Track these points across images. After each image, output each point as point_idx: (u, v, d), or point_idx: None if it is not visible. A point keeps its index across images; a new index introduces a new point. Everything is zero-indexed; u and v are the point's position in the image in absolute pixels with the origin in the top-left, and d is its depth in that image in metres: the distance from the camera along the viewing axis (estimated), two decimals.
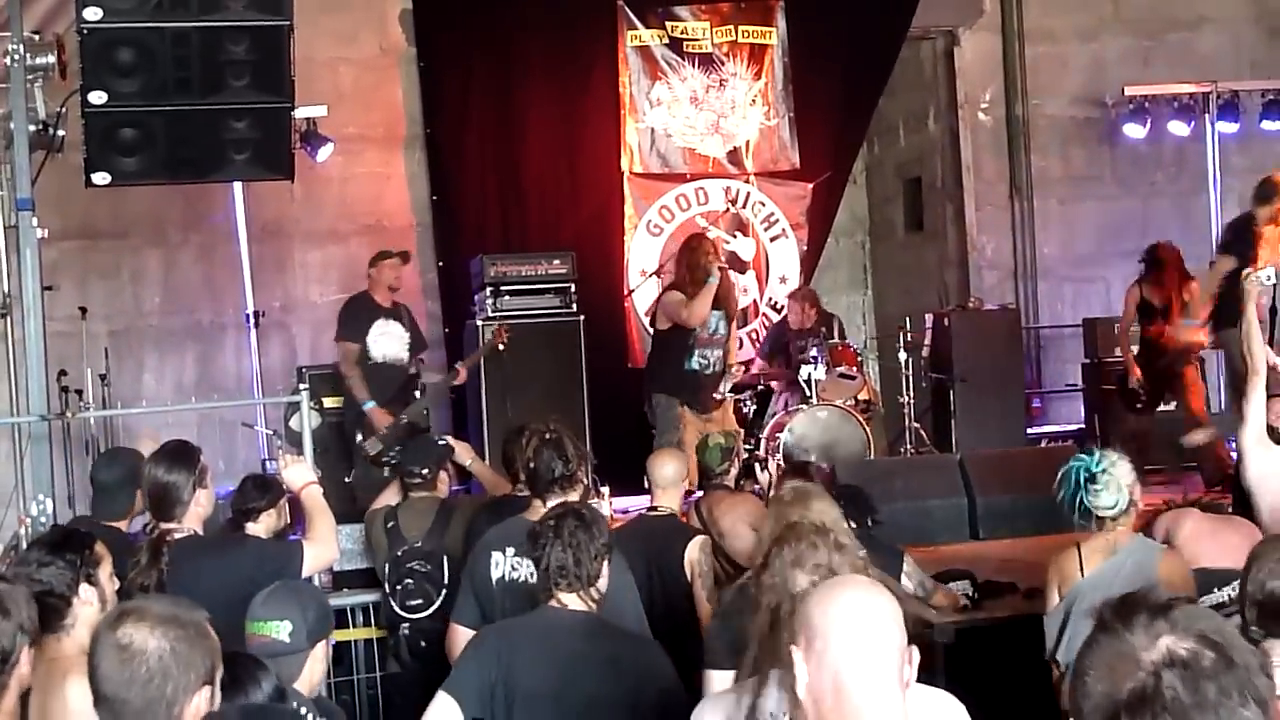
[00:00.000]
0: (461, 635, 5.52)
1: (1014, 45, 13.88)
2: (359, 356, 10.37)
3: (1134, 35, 14.06)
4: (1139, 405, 11.40)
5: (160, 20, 7.98)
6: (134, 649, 3.18)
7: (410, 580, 7.11)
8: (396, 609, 7.07)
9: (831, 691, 2.95)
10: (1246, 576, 4.30)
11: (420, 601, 7.03)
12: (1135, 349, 11.30)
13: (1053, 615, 5.59)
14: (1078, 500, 5.52)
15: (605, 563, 4.69)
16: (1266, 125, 13.51)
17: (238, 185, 11.34)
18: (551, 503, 5.64)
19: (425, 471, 7.44)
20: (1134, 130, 13.45)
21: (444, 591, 6.90)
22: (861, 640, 2.95)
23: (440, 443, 7.69)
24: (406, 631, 7.05)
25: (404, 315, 10.64)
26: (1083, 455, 5.61)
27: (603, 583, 4.68)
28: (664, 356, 10.74)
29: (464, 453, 7.81)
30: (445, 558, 6.98)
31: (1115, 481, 5.50)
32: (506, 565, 5.68)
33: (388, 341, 10.47)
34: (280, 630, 4.40)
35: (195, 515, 5.65)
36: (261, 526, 6.39)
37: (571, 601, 4.60)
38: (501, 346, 10.90)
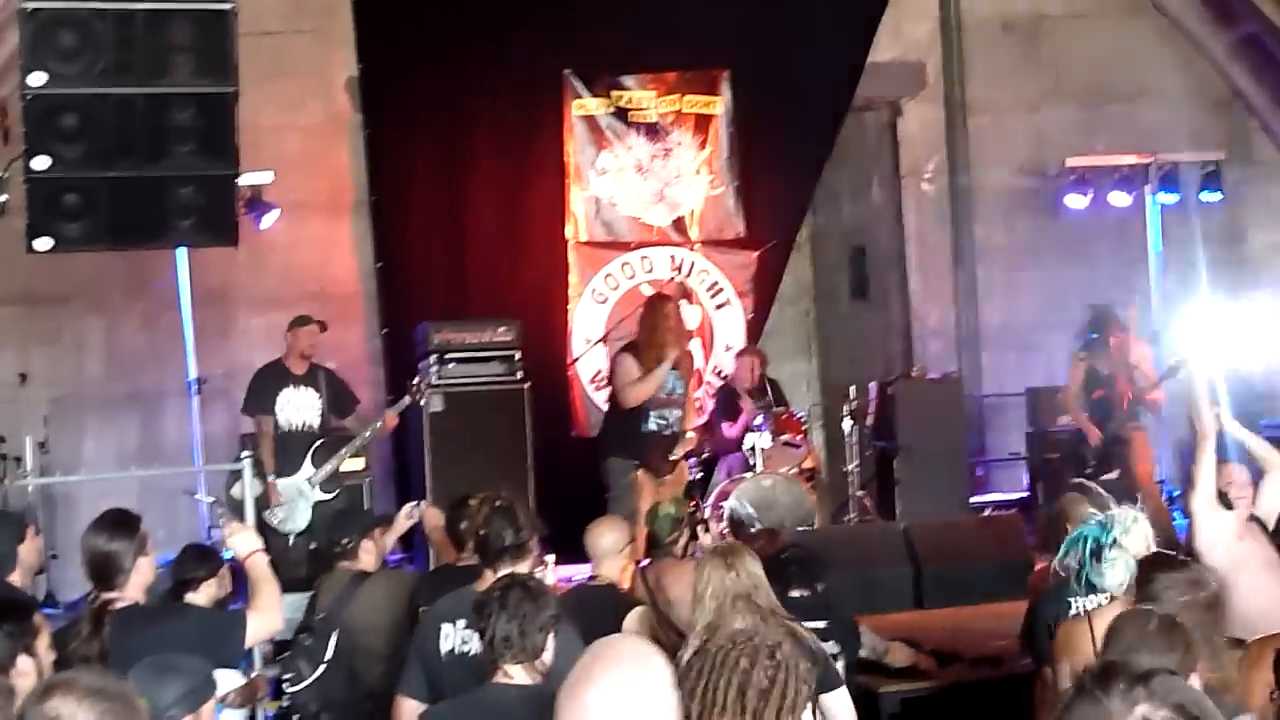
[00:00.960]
0: (407, 708, 5.46)
1: (957, 116, 14.00)
2: (269, 428, 10.30)
3: (1075, 107, 14.21)
4: (1088, 472, 11.44)
5: (105, 86, 8.00)
6: None
7: (290, 653, 7.08)
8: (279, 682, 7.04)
9: None
10: (1106, 649, 4.18)
11: (290, 676, 6.98)
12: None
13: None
14: (1083, 575, 5.31)
15: (551, 635, 4.65)
16: (1205, 196, 13.67)
17: (182, 251, 11.28)
18: (502, 572, 5.60)
19: (346, 541, 7.41)
20: (1076, 201, 13.58)
21: (321, 667, 6.84)
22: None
23: (403, 508, 7.66)
24: (285, 703, 6.98)
25: (319, 379, 10.53)
26: (1095, 523, 5.39)
27: (548, 655, 4.65)
28: (620, 417, 10.68)
29: (433, 518, 7.82)
30: (336, 632, 6.92)
31: (1125, 558, 5.26)
32: (456, 638, 5.60)
33: (295, 410, 10.38)
34: (161, 706, 4.32)
35: (137, 585, 5.58)
36: (202, 596, 6.32)
37: (517, 674, 4.56)
38: (422, 401, 10.87)
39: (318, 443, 10.44)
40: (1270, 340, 12.01)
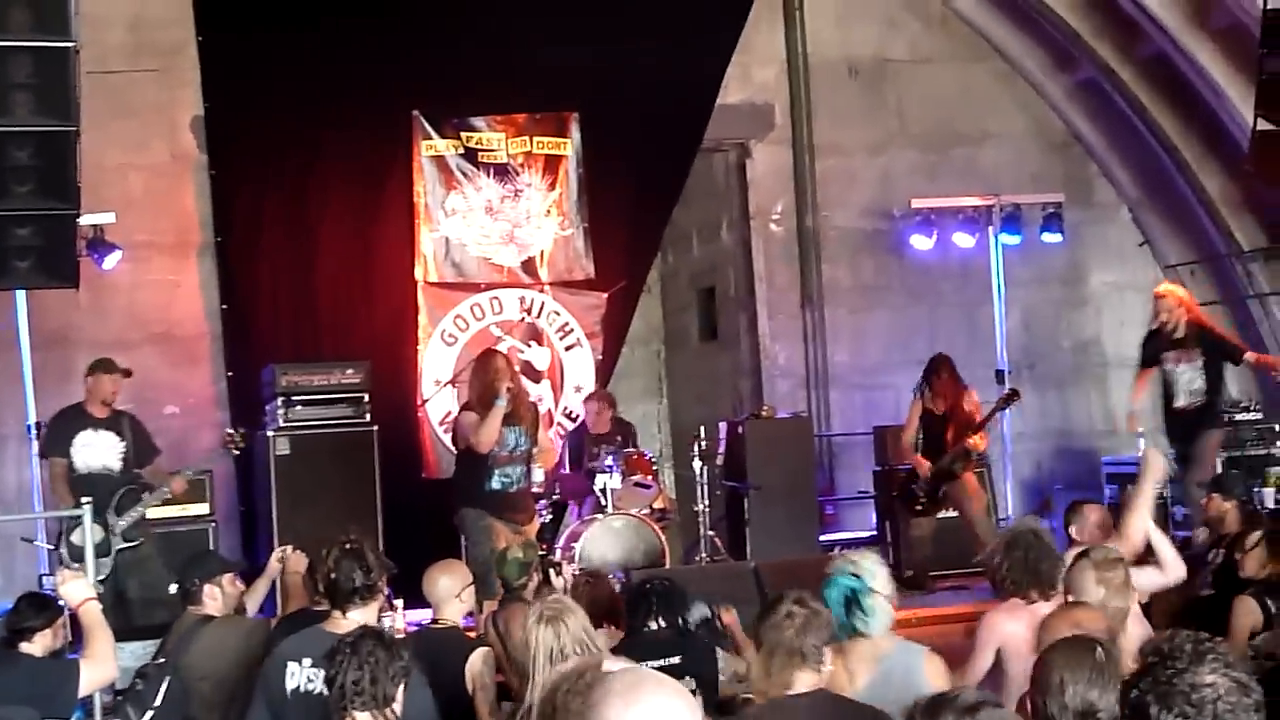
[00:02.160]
0: None
1: (804, 158, 14.16)
2: (64, 472, 10.08)
3: (920, 150, 14.45)
4: (919, 508, 11.68)
5: None
6: None
7: (121, 696, 6.98)
8: None
9: None
10: (1051, 686, 4.13)
11: None
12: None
13: None
14: (850, 619, 5.44)
15: (403, 686, 4.63)
16: (1047, 237, 13.95)
17: (20, 293, 11.07)
18: (351, 614, 5.58)
19: (190, 586, 7.33)
20: (920, 241, 13.78)
21: (148, 713, 6.73)
22: None
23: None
24: None
25: (123, 425, 10.31)
26: (845, 575, 5.51)
27: (398, 705, 4.62)
28: (467, 475, 10.53)
29: (296, 563, 7.77)
30: (168, 678, 6.81)
31: (883, 603, 5.47)
32: (302, 676, 5.57)
33: (93, 452, 10.14)
34: None
35: None
36: (37, 646, 6.19)
37: None
38: (235, 451, 10.74)
39: (122, 489, 10.16)
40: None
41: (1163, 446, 11.10)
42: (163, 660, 6.92)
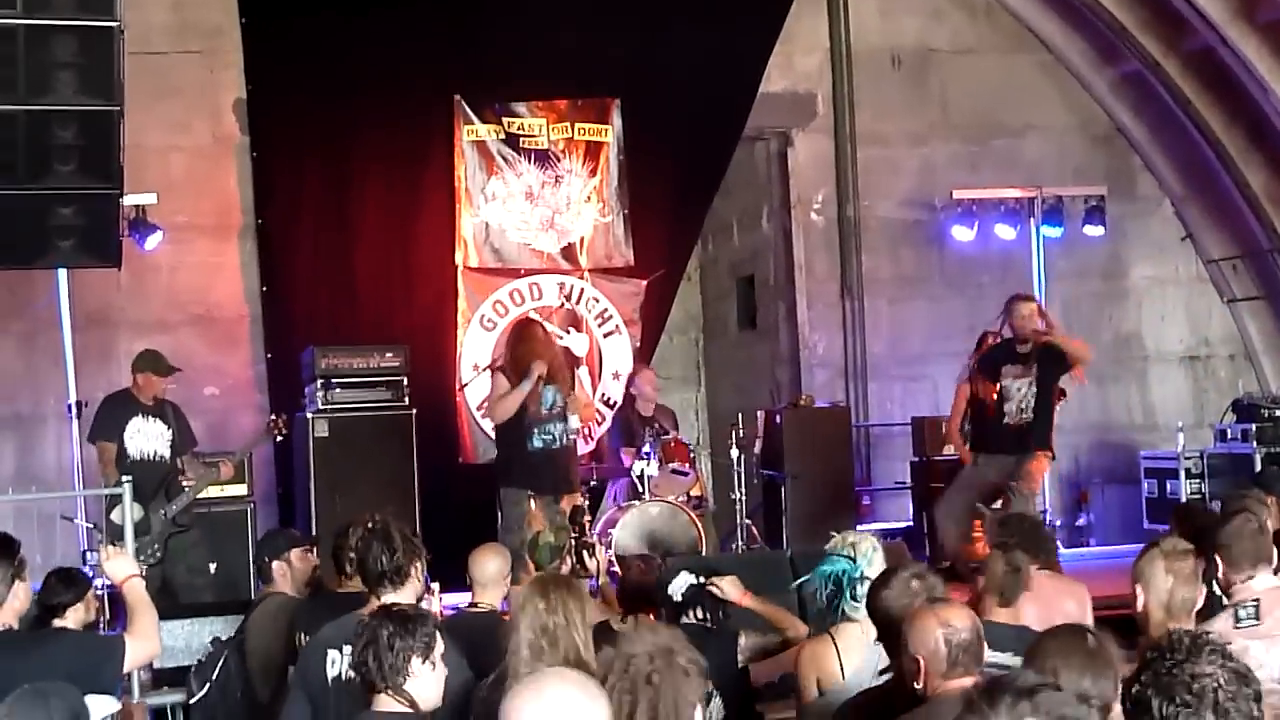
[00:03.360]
0: None
1: (846, 148, 14.12)
2: (116, 455, 10.12)
3: (962, 141, 14.39)
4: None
5: None
6: None
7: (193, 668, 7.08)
8: None
9: None
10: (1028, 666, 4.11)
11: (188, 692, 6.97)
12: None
13: (812, 709, 5.56)
14: (839, 605, 5.46)
15: (419, 660, 4.56)
16: (1089, 230, 13.86)
17: (62, 272, 11.11)
18: (385, 597, 5.54)
19: (260, 565, 7.38)
20: (961, 233, 13.73)
21: (206, 686, 6.81)
22: None
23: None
24: None
25: (168, 413, 10.35)
26: (841, 557, 5.54)
27: (415, 682, 4.57)
28: (508, 443, 10.51)
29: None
30: (226, 653, 6.88)
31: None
32: (344, 664, 5.51)
33: (144, 439, 10.16)
34: None
35: (11, 610, 5.46)
36: (70, 621, 6.21)
37: (386, 703, 4.51)
38: (279, 437, 10.76)
39: (170, 475, 10.22)
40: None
41: (986, 465, 10.87)
42: (230, 636, 7.00)
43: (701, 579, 6.69)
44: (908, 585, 4.96)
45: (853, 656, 5.48)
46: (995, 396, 10.85)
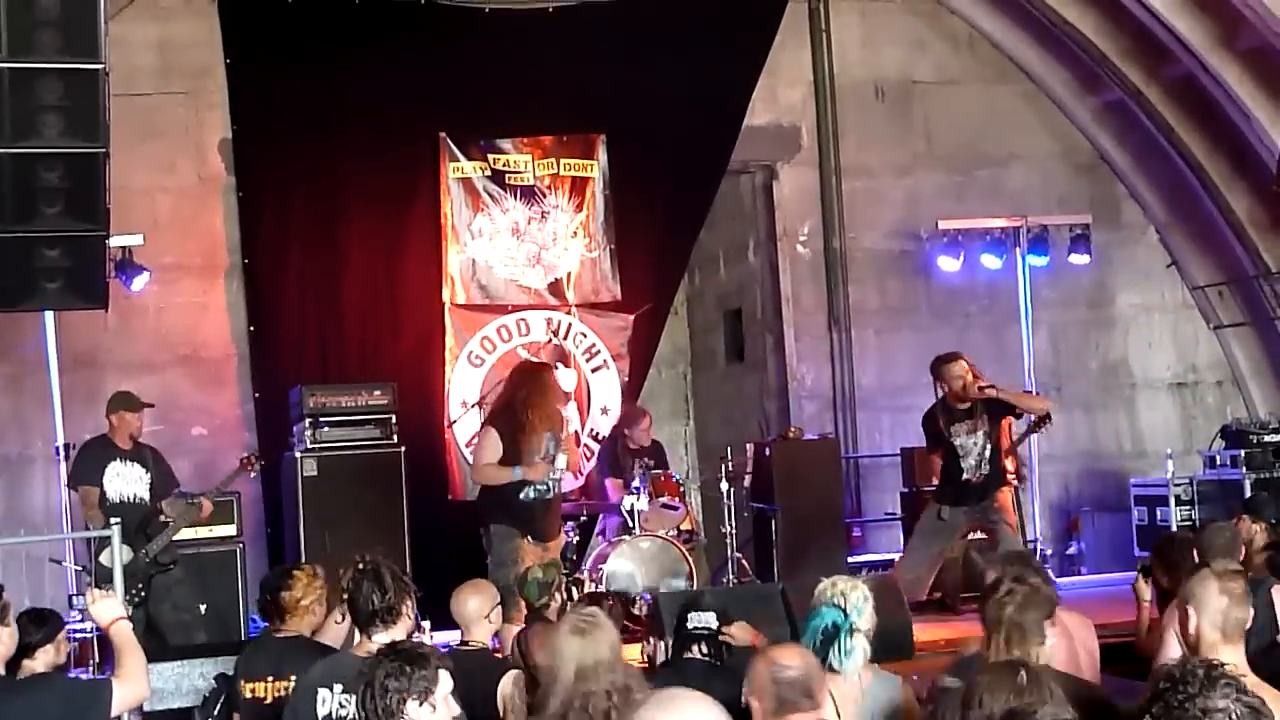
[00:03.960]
0: None
1: (831, 180, 14.15)
2: (99, 499, 10.11)
3: (946, 171, 14.43)
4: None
5: None
6: None
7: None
8: None
9: None
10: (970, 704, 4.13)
11: None
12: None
13: None
14: (826, 655, 5.37)
15: (414, 703, 4.49)
16: (1074, 259, 13.90)
17: (49, 314, 11.10)
18: (377, 636, 5.52)
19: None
20: (948, 263, 13.75)
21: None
22: None
23: None
24: None
25: (146, 457, 10.35)
26: (831, 608, 5.48)
27: None
28: (496, 490, 10.41)
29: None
30: (220, 697, 6.92)
31: (863, 641, 5.44)
32: (334, 702, 5.51)
33: (123, 482, 10.18)
34: None
35: None
36: (40, 663, 6.19)
37: None
38: (253, 474, 10.75)
39: (150, 516, 10.21)
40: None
41: (954, 517, 10.82)
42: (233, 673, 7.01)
43: (719, 627, 6.65)
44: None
45: (849, 706, 5.37)
46: (950, 455, 10.81)
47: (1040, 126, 14.67)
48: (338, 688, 5.52)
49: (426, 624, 8.75)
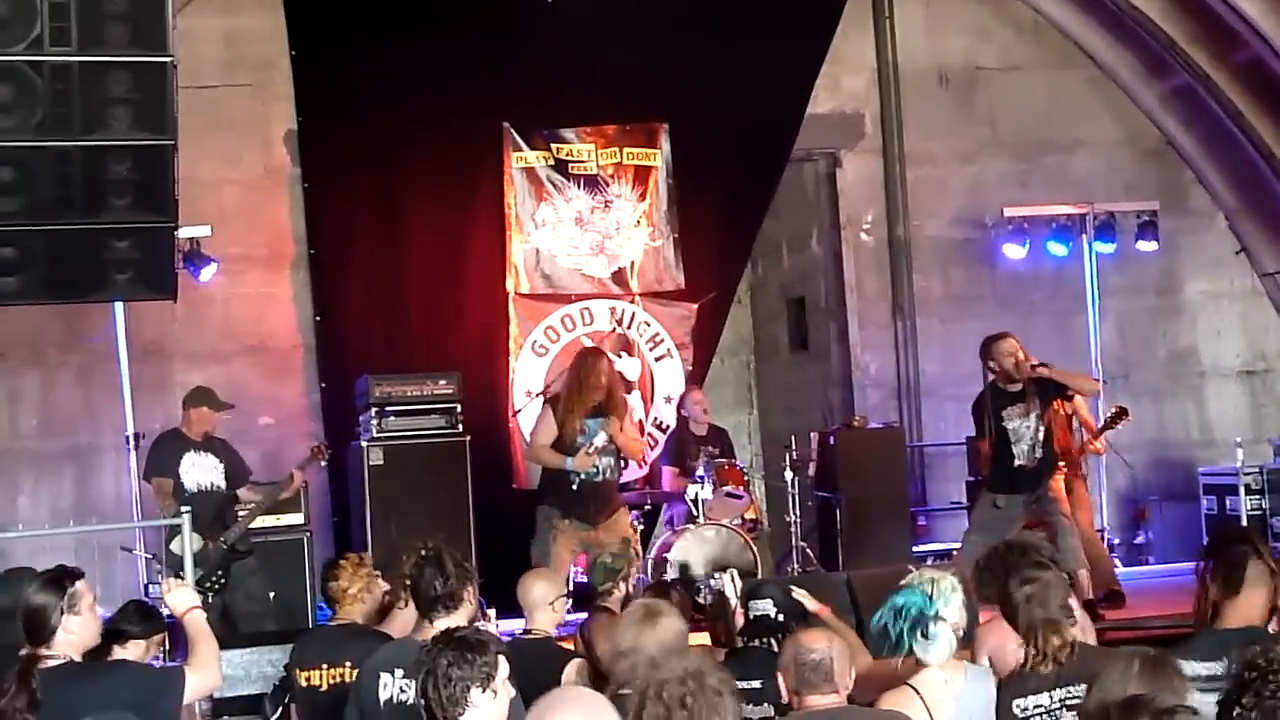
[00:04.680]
0: None
1: (895, 168, 14.09)
2: (174, 490, 10.20)
3: (1011, 158, 14.34)
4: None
5: (42, 139, 7.94)
6: None
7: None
8: None
9: None
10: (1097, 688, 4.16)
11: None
12: None
13: None
14: (908, 644, 5.18)
15: (477, 690, 4.50)
16: (1141, 245, 13.78)
17: (119, 305, 11.20)
18: (438, 622, 5.56)
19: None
20: (1013, 250, 13.67)
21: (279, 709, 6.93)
22: None
23: None
24: None
25: (218, 448, 10.46)
26: (917, 593, 5.24)
27: (475, 713, 4.47)
28: (549, 475, 10.61)
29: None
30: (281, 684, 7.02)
31: (948, 631, 5.19)
32: (395, 687, 5.58)
33: (200, 472, 10.28)
34: None
35: (68, 642, 5.48)
36: (129, 654, 6.25)
37: None
38: (323, 462, 10.86)
39: (228, 504, 10.34)
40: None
41: (1011, 506, 10.36)
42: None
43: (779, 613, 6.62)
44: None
45: (941, 708, 5.18)
46: (1001, 440, 10.50)
47: (1106, 112, 14.55)
48: (399, 672, 5.57)
49: (491, 612, 8.81)
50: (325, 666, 6.75)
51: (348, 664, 6.55)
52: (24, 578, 6.31)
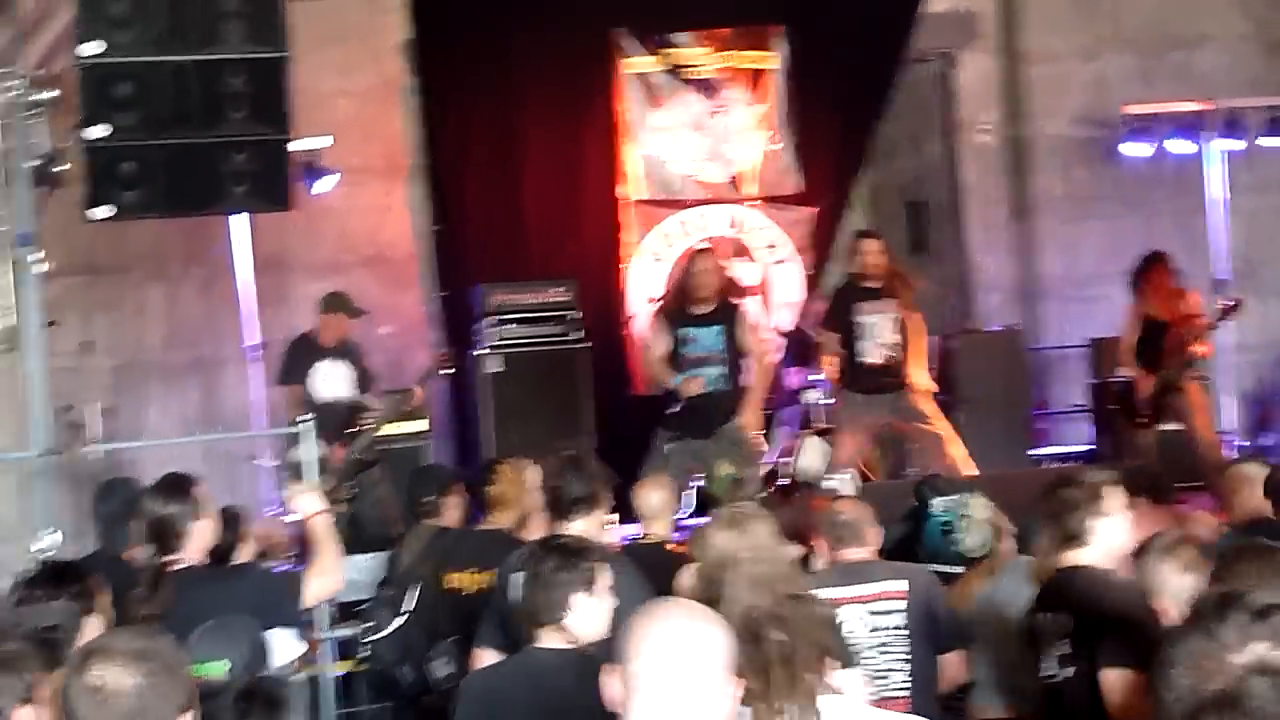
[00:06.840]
0: (480, 658, 5.58)
1: (1013, 66, 13.87)
2: (302, 398, 10.31)
3: (1134, 54, 14.03)
4: (1140, 420, 11.37)
5: (159, 54, 8.02)
6: (108, 690, 3.06)
7: (370, 605, 7.21)
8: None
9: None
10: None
11: (370, 625, 7.18)
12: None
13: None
14: (947, 546, 5.57)
15: (582, 594, 4.57)
16: (1266, 142, 13.46)
17: (237, 218, 11.32)
18: (574, 524, 5.63)
19: (426, 499, 7.50)
20: (1135, 149, 13.40)
21: (400, 618, 6.94)
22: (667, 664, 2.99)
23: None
24: (364, 654, 7.22)
25: (351, 353, 10.56)
26: (932, 504, 5.81)
27: (575, 616, 4.57)
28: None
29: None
30: (417, 586, 7.02)
31: (973, 521, 5.57)
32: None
33: (330, 382, 10.41)
34: (219, 670, 4.36)
35: (196, 547, 5.60)
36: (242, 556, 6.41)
37: (547, 638, 4.54)
38: (443, 372, 10.88)
39: (356, 412, 10.46)
40: None
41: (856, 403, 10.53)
42: (405, 569, 7.14)
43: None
44: None
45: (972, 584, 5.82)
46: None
47: (1231, 5, 14.18)
48: None
49: (615, 517, 8.86)
50: (475, 570, 6.80)
51: (496, 570, 6.61)
52: (130, 487, 6.45)
